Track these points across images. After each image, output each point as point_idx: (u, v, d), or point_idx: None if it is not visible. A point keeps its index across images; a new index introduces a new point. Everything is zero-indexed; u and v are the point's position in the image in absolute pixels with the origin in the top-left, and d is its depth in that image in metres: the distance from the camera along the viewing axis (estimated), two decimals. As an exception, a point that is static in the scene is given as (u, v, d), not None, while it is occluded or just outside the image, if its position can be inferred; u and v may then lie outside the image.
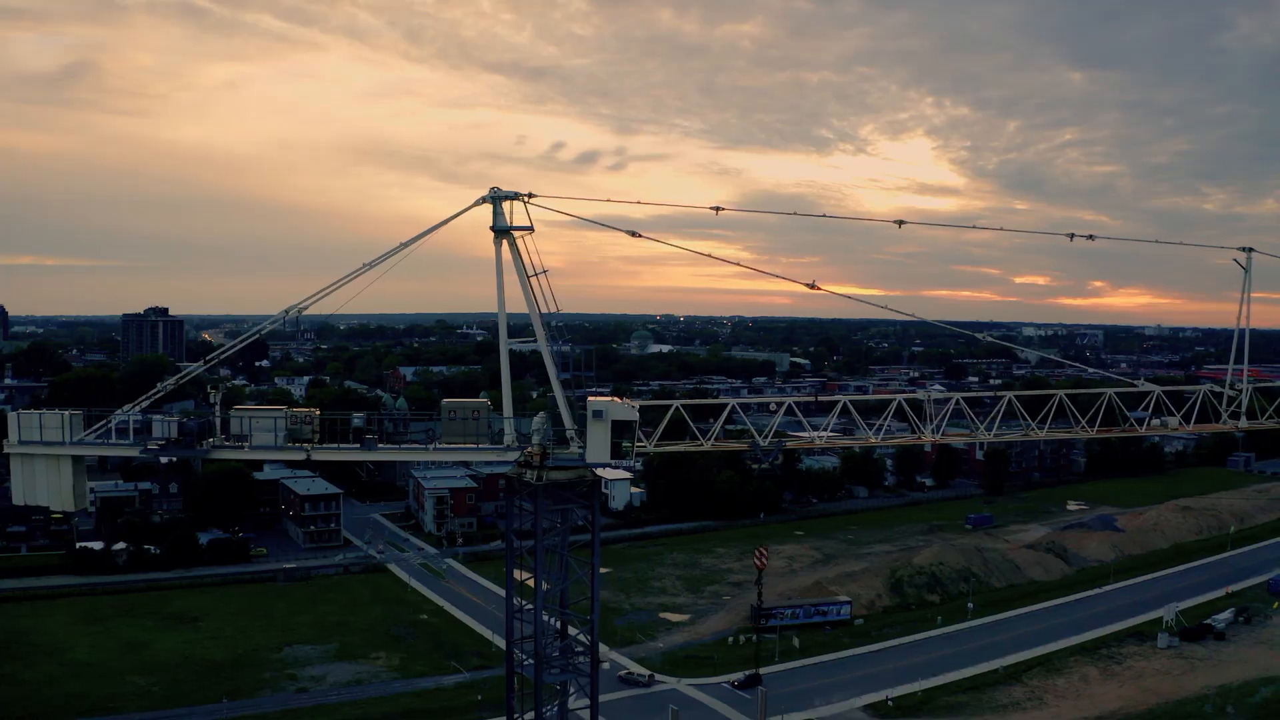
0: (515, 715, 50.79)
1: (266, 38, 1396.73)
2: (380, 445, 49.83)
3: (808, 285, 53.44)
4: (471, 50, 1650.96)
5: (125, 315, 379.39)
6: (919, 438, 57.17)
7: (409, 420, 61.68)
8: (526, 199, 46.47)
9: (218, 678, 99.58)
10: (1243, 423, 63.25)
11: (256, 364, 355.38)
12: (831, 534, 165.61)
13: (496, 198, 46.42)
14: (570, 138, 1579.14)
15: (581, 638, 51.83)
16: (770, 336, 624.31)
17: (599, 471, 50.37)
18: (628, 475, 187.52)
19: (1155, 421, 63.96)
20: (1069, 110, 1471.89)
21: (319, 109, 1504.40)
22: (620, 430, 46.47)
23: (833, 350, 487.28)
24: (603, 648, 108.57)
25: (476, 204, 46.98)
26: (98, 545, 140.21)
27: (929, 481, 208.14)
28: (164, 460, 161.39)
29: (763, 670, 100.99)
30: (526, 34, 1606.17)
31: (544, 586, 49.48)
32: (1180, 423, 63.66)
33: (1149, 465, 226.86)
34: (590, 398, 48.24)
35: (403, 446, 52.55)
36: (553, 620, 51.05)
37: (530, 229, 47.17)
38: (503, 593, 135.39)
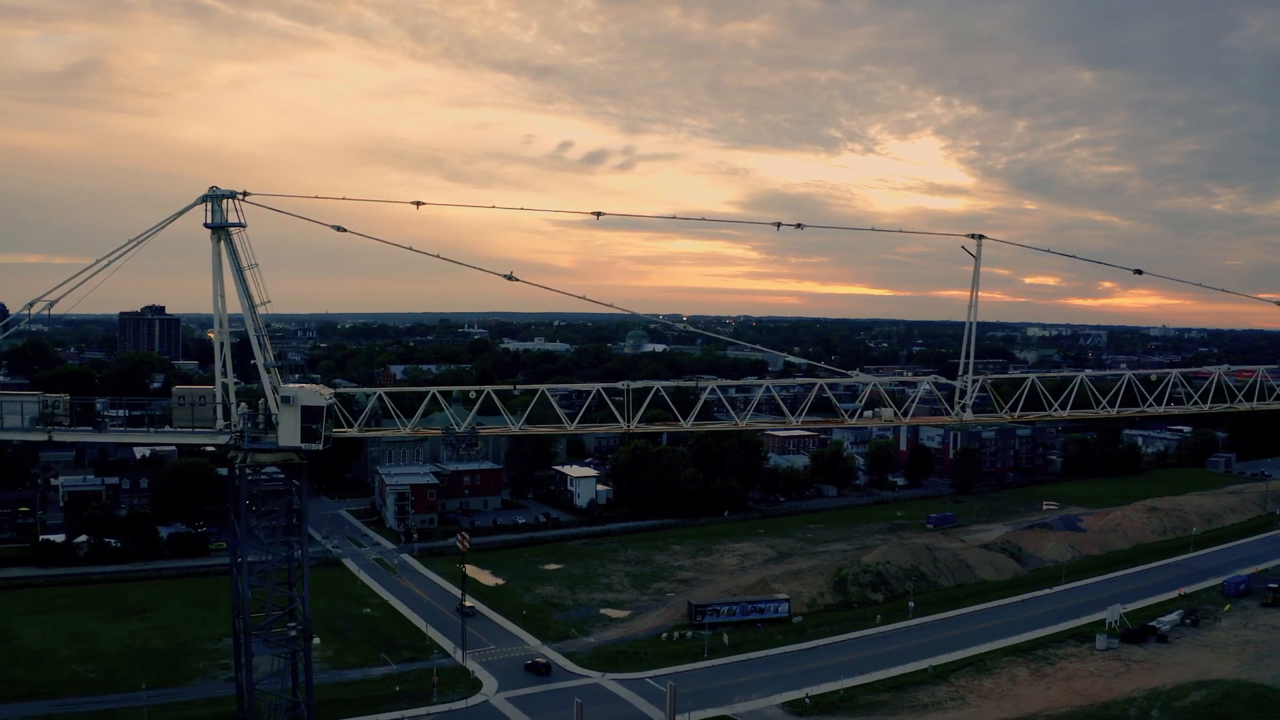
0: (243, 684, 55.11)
1: (272, 36, 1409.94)
2: (112, 428, 52.40)
3: (505, 276, 56.29)
4: (477, 49, 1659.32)
5: (122, 313, 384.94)
6: (624, 426, 60.87)
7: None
8: (241, 197, 48.25)
9: (153, 666, 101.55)
10: (968, 415, 64.57)
11: (250, 362, 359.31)
12: (790, 532, 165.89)
13: (214, 196, 48.74)
14: (578, 137, 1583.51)
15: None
16: (773, 336, 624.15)
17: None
18: (594, 473, 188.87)
19: (868, 413, 65.28)
20: (1077, 110, 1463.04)
21: (325, 108, 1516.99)
22: (311, 415, 49.85)
23: (830, 350, 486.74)
24: (533, 642, 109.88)
25: (197, 202, 48.72)
26: (61, 538, 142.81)
27: (901, 481, 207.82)
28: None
29: (690, 666, 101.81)
30: (532, 33, 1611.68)
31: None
32: (895, 414, 64.89)
33: (1127, 466, 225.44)
34: (285, 385, 50.45)
35: (130, 429, 54.90)
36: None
37: (242, 225, 49.78)
38: (450, 586, 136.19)
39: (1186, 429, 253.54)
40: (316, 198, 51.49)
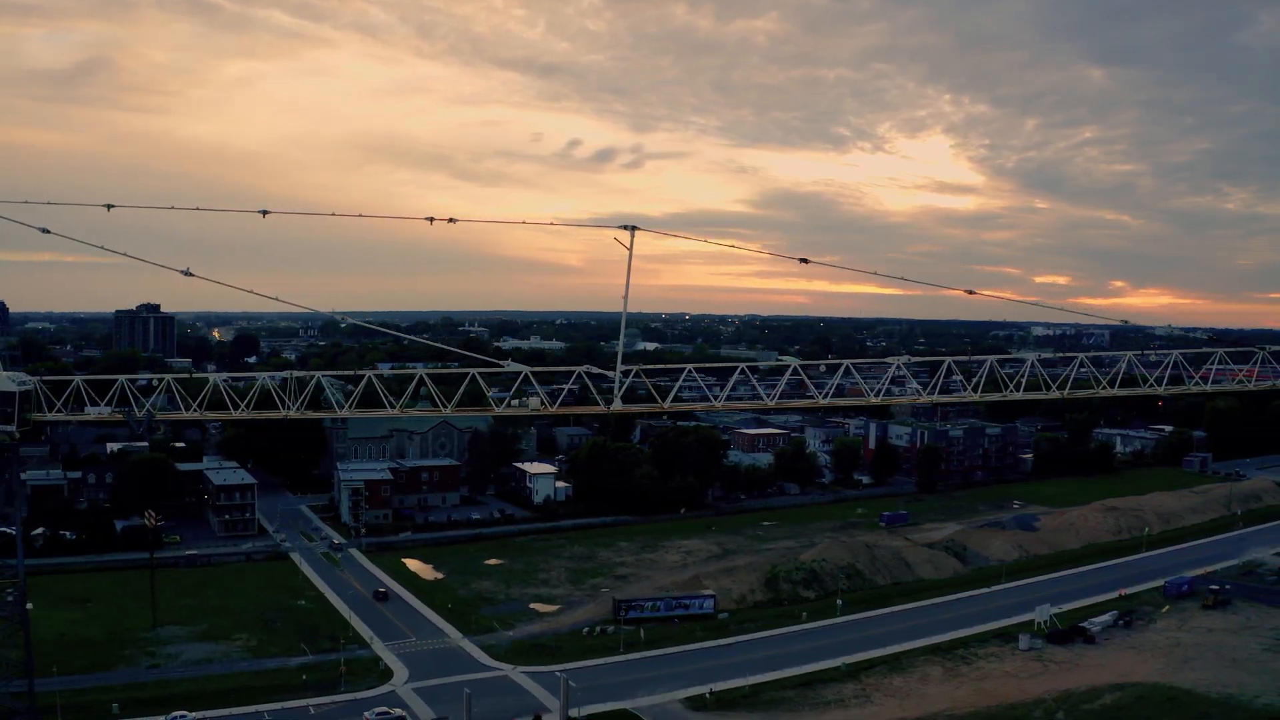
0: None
1: (278, 34, 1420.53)
2: None
3: (182, 272, 60.16)
4: (484, 46, 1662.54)
5: (118, 312, 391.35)
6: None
7: None
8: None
9: (83, 653, 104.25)
10: (616, 405, 69.15)
11: (245, 359, 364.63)
12: (742, 530, 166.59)
13: None
14: (586, 135, 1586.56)
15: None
16: (774, 335, 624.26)
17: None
18: (553, 470, 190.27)
19: (514, 402, 69.16)
20: (1087, 108, 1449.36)
21: (332, 106, 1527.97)
22: (4, 400, 54.91)
23: (827, 349, 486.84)
24: (454, 634, 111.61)
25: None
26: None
27: (866, 479, 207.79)
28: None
29: (603, 660, 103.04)
30: (538, 30, 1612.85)
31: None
32: (543, 402, 68.87)
33: (1098, 465, 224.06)
34: None
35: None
36: None
37: None
38: (390, 580, 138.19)
39: (1166, 428, 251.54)
40: (26, 202, 57.05)
